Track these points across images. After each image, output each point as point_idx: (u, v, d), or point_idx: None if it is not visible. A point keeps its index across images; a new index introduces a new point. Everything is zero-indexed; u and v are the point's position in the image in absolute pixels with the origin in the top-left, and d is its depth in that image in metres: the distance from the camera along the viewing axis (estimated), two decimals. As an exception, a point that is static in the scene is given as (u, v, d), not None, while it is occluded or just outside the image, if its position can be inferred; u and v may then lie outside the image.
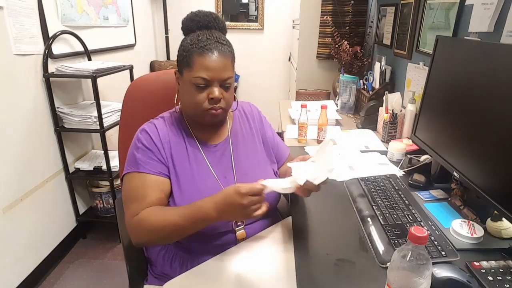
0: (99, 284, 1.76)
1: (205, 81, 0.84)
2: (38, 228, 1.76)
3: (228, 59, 0.86)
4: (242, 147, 0.99)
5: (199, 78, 0.83)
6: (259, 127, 1.06)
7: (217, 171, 0.92)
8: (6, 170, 1.55)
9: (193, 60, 0.84)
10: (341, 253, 0.80)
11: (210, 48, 0.83)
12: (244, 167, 0.96)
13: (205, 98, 0.85)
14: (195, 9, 0.92)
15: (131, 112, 1.10)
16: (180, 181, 0.88)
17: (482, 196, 0.81)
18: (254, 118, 1.06)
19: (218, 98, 0.85)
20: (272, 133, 1.09)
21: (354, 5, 2.25)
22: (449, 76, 1.02)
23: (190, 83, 0.85)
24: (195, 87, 0.84)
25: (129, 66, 2.13)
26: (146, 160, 0.86)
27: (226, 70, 0.85)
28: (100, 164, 1.98)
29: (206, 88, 0.85)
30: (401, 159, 1.29)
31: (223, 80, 0.85)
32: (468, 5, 1.21)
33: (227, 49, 0.86)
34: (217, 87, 0.85)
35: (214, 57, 0.83)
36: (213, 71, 0.83)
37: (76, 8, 2.00)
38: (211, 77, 0.83)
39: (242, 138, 1.00)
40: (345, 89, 2.00)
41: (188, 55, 0.85)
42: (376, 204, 0.97)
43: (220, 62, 0.84)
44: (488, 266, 0.72)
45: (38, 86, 1.74)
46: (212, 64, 0.83)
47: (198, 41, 0.84)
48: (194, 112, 0.89)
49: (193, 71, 0.84)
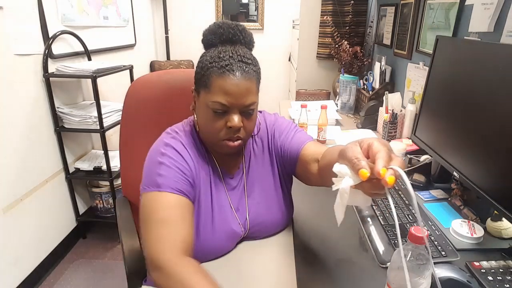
0: (99, 284, 1.76)
1: (224, 107, 0.72)
2: (38, 228, 1.76)
3: (252, 82, 0.74)
4: (256, 172, 0.89)
5: (217, 103, 0.72)
6: (271, 141, 0.91)
7: (233, 203, 0.85)
8: (6, 170, 1.55)
9: (212, 81, 0.72)
10: (341, 253, 0.80)
11: (231, 68, 0.71)
12: (257, 196, 0.87)
13: (222, 125, 0.74)
14: (195, 9, 0.88)
15: (132, 112, 1.09)
16: (200, 212, 0.80)
17: (482, 196, 0.81)
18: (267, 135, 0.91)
19: (237, 127, 0.74)
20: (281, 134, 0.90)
21: (354, 5, 2.25)
22: (449, 76, 1.02)
23: (207, 107, 0.74)
24: (212, 113, 0.73)
25: (129, 66, 2.13)
26: (175, 178, 0.75)
27: (249, 95, 0.73)
28: (100, 164, 1.98)
29: (224, 114, 0.74)
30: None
31: (244, 106, 0.73)
32: (468, 5, 1.21)
33: (252, 69, 0.74)
34: (237, 114, 0.73)
35: (236, 80, 0.71)
36: (233, 96, 0.71)
37: (76, 8, 2.00)
38: (231, 103, 0.72)
39: (255, 161, 0.89)
40: (345, 89, 2.00)
41: (206, 75, 0.73)
42: (376, 204, 0.97)
43: (242, 86, 0.72)
44: (488, 266, 0.72)
45: (38, 86, 1.74)
46: (233, 88, 0.71)
47: (219, 59, 0.72)
48: (209, 139, 0.80)
49: (210, 93, 0.72)
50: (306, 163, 0.81)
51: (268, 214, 0.88)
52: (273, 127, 0.91)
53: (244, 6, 3.46)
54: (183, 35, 3.38)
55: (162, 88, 1.10)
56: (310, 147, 0.83)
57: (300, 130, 0.90)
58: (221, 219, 0.82)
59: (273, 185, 0.89)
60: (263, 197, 0.88)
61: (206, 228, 0.80)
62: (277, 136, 0.89)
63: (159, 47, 3.45)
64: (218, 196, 0.83)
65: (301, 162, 0.83)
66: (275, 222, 0.89)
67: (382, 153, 0.51)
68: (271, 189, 0.89)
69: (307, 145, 0.83)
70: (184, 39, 3.41)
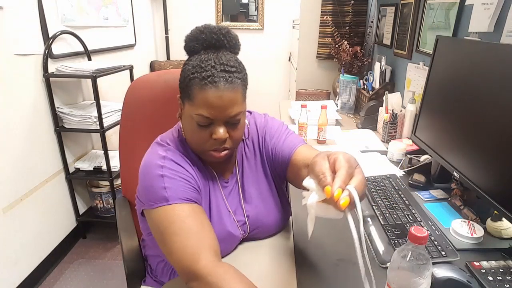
0: (99, 284, 1.76)
1: (208, 120, 0.71)
2: (38, 228, 1.76)
3: (237, 91, 0.70)
4: (250, 175, 0.88)
5: (200, 116, 0.70)
6: (262, 144, 0.90)
7: (230, 207, 0.85)
8: (6, 170, 1.55)
9: (194, 93, 0.69)
10: (341, 253, 0.80)
11: (214, 80, 0.68)
12: (254, 199, 0.87)
13: (208, 137, 0.73)
14: (195, 9, 0.86)
15: (132, 112, 1.09)
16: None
17: (482, 196, 0.81)
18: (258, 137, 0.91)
19: (222, 139, 0.72)
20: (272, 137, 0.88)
21: (354, 5, 2.25)
22: (449, 76, 1.02)
23: (192, 119, 0.72)
24: (197, 125, 0.72)
25: (129, 66, 2.13)
26: (181, 188, 0.73)
27: (233, 105, 0.70)
28: (100, 164, 1.98)
29: (209, 126, 0.72)
30: (401, 159, 1.29)
31: (229, 117, 0.71)
32: (468, 5, 1.21)
33: (236, 77, 0.70)
34: (221, 126, 0.72)
35: (219, 91, 0.68)
36: (217, 109, 0.69)
37: (76, 8, 2.00)
38: (215, 116, 0.70)
39: (247, 164, 0.89)
40: (345, 89, 2.00)
41: (189, 86, 0.70)
42: (376, 204, 0.97)
43: (226, 98, 0.69)
44: (488, 266, 0.72)
45: (38, 86, 1.74)
46: (216, 101, 0.68)
47: (200, 68, 0.69)
48: (195, 149, 0.79)
49: (194, 106, 0.70)
50: (297, 168, 0.79)
51: (266, 215, 0.88)
52: (264, 129, 0.90)
53: (244, 6, 3.46)
54: (183, 35, 3.32)
55: (162, 88, 1.10)
56: (301, 151, 0.81)
57: (291, 133, 0.89)
58: (219, 224, 0.81)
59: (268, 186, 0.89)
60: (259, 199, 0.87)
61: None
62: (268, 140, 0.88)
63: (159, 47, 3.45)
64: (216, 201, 0.82)
65: (292, 167, 0.82)
66: (274, 222, 0.89)
67: (341, 172, 0.52)
68: (266, 190, 0.89)
69: (298, 150, 0.82)
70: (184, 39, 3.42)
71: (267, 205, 0.88)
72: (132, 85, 1.10)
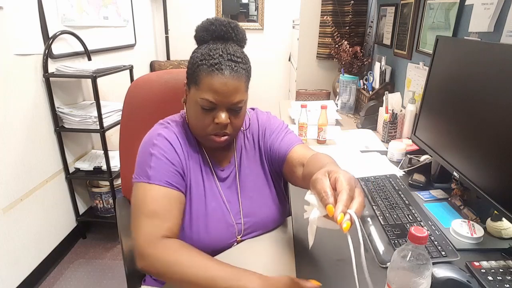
0: (99, 284, 1.76)
1: (212, 104, 0.75)
2: (38, 228, 1.76)
3: (241, 80, 0.75)
4: (247, 167, 0.91)
5: (205, 100, 0.74)
6: (261, 139, 0.93)
7: (224, 193, 0.87)
8: (6, 170, 1.55)
9: (201, 79, 0.74)
10: (341, 253, 0.80)
11: (220, 67, 0.73)
12: (250, 190, 0.89)
13: (210, 121, 0.77)
14: (195, 9, 0.89)
15: (132, 112, 1.10)
16: (192, 201, 0.82)
17: (482, 196, 0.81)
18: (258, 132, 0.94)
19: (224, 124, 0.77)
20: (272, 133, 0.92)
21: (354, 5, 2.25)
22: (449, 76, 1.02)
23: (196, 103, 0.76)
24: (201, 108, 0.76)
25: (129, 66, 2.13)
26: (164, 171, 0.77)
27: (237, 93, 0.75)
28: (100, 164, 1.98)
29: (212, 110, 0.76)
30: (401, 159, 1.29)
31: (232, 104, 0.75)
32: (468, 5, 1.21)
33: (241, 68, 0.75)
34: (224, 111, 0.76)
35: (225, 78, 0.73)
36: (221, 94, 0.73)
37: (76, 8, 2.00)
38: (219, 101, 0.74)
39: (246, 155, 0.92)
40: (345, 89, 2.00)
41: (196, 72, 0.75)
42: (376, 204, 0.97)
43: (231, 85, 0.73)
44: (488, 266, 0.72)
45: (38, 86, 1.74)
46: (221, 87, 0.73)
47: (209, 56, 0.74)
48: (197, 133, 0.82)
49: (199, 90, 0.75)
50: (293, 166, 0.83)
51: (262, 208, 0.90)
52: (265, 125, 0.94)
53: (244, 6, 3.46)
54: (183, 35, 3.37)
55: (162, 88, 1.10)
56: (298, 150, 0.85)
57: (290, 132, 0.93)
58: (214, 206, 0.84)
59: (264, 179, 0.92)
60: (255, 191, 0.90)
61: (199, 213, 0.83)
62: (268, 135, 0.92)
63: (159, 47, 3.45)
64: (209, 185, 0.85)
65: (287, 164, 0.86)
66: (270, 216, 0.91)
67: (343, 196, 0.54)
68: (263, 183, 0.91)
69: (295, 148, 0.86)
70: (184, 39, 3.39)
71: (262, 198, 0.90)
72: (132, 85, 1.10)
